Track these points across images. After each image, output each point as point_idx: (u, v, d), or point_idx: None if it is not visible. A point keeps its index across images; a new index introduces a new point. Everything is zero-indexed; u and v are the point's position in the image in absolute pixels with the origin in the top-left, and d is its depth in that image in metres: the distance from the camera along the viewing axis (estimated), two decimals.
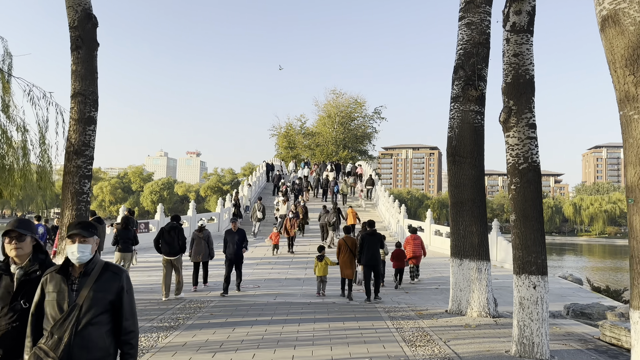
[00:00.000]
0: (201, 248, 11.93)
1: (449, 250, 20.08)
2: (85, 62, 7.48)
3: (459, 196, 9.60)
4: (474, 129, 9.60)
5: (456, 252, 9.60)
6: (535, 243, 6.84)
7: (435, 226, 21.37)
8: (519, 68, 7.06)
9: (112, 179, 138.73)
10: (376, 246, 10.98)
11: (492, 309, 9.25)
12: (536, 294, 6.75)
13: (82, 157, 7.37)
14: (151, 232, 19.69)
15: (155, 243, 10.89)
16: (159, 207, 20.64)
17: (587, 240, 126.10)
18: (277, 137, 52.91)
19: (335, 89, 54.51)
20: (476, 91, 9.54)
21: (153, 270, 14.45)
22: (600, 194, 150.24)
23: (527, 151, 7.01)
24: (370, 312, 9.29)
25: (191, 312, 8.91)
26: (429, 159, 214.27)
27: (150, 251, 18.27)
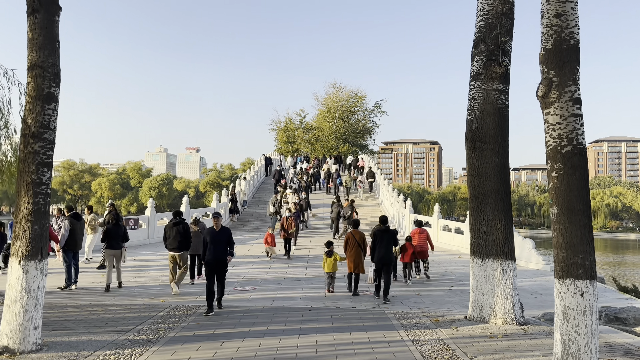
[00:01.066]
0: (196, 241, 11.83)
1: (458, 247, 19.39)
2: (44, 28, 6.30)
3: (480, 187, 8.44)
4: (497, 111, 8.43)
5: (477, 251, 8.44)
6: (582, 241, 5.70)
7: (443, 221, 20.26)
8: (562, 31, 5.88)
9: (111, 175, 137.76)
10: (390, 244, 10.41)
11: (519, 316, 8.12)
12: (584, 303, 5.61)
13: (41, 141, 6.19)
14: (141, 228, 18.55)
15: (164, 239, 10.92)
16: (149, 202, 19.43)
17: None
18: (276, 132, 51.96)
19: (335, 83, 53.50)
20: (500, 67, 8.36)
21: (140, 271, 13.33)
22: (601, 187, 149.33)
23: (572, 131, 5.85)
24: (379, 320, 8.16)
25: (175, 321, 7.77)
26: (429, 154, 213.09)
27: (140, 249, 17.18)
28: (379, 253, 10.27)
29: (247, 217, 25.47)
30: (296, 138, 50.57)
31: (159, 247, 17.81)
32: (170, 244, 10.56)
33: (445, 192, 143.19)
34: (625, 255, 52.57)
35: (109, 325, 7.45)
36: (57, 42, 6.48)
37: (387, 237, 10.39)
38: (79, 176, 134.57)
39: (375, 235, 10.47)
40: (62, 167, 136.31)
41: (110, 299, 9.69)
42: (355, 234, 10.87)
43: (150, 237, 19.05)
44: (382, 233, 10.42)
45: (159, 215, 20.03)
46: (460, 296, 10.95)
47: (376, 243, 10.37)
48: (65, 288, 10.60)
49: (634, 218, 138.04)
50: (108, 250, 11.01)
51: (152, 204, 19.56)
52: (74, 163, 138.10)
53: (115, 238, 11.08)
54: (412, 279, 13.12)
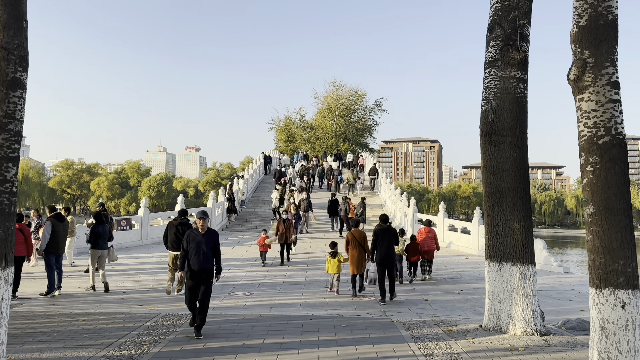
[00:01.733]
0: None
1: (465, 248, 18.42)
2: (8, 5, 5.56)
3: (496, 184, 7.71)
4: (515, 100, 7.69)
5: (494, 254, 7.72)
6: (623, 245, 4.98)
7: (449, 221, 19.52)
8: (599, 5, 5.16)
9: (110, 175, 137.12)
10: (391, 243, 10.13)
11: (539, 325, 7.41)
12: (625, 316, 4.90)
13: (5, 133, 5.46)
14: (134, 229, 17.82)
15: (164, 238, 10.60)
16: (142, 202, 18.71)
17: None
18: (276, 131, 51.42)
19: (335, 81, 53.08)
20: (518, 53, 7.63)
21: (130, 275, 12.60)
22: None
23: (609, 119, 5.13)
24: (387, 330, 7.43)
25: (162, 333, 7.04)
26: (429, 153, 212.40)
27: (132, 251, 16.43)
28: (380, 253, 9.94)
29: (245, 216, 24.71)
30: (296, 137, 50.29)
31: (152, 248, 17.11)
32: (171, 244, 10.25)
33: (446, 191, 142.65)
34: None
35: (89, 338, 6.73)
36: (25, 21, 5.74)
37: (388, 237, 10.07)
38: (77, 176, 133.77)
39: (377, 235, 10.08)
40: (61, 166, 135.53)
41: (94, 307, 8.96)
42: (356, 233, 10.47)
43: (144, 238, 18.20)
44: (384, 232, 10.07)
45: (153, 215, 19.26)
46: (471, 302, 10.23)
47: (377, 243, 10.01)
48: (47, 294, 9.87)
49: (635, 216, 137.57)
50: (95, 250, 10.44)
51: (146, 203, 18.75)
52: (73, 162, 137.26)
53: (103, 237, 10.58)
54: (417, 280, 12.62)
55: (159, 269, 13.15)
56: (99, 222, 10.63)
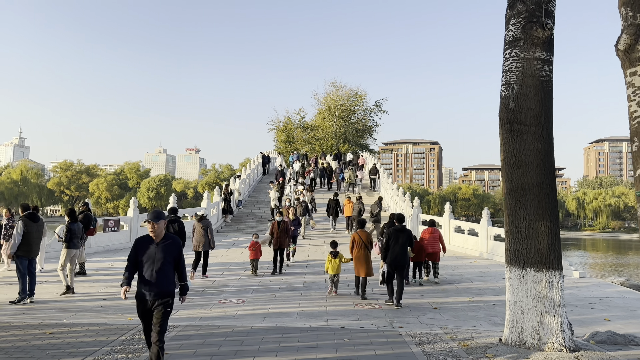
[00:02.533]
0: (201, 237, 11.97)
1: (472, 250, 17.21)
2: None
3: (519, 180, 6.81)
4: (540, 85, 6.81)
5: (516, 259, 6.82)
6: None
7: (455, 222, 18.53)
8: None
9: (109, 176, 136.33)
10: (405, 245, 9.69)
11: (568, 339, 6.51)
12: None
13: None
14: (123, 230, 16.91)
15: None
16: (131, 202, 17.74)
17: (590, 235, 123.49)
18: (275, 132, 50.89)
19: (335, 82, 52.57)
20: (543, 31, 6.74)
21: (115, 280, 11.67)
22: (603, 187, 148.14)
23: None
24: (395, 345, 6.52)
25: (137, 349, 6.12)
26: (429, 154, 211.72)
27: (120, 253, 15.46)
28: (392, 254, 9.53)
29: (242, 217, 23.79)
30: (295, 138, 49.81)
31: None
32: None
33: (446, 193, 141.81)
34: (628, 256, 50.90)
35: (52, 355, 5.83)
36: None
37: (403, 238, 9.66)
38: (76, 177, 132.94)
39: (390, 235, 9.69)
40: (60, 167, 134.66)
41: (68, 317, 8.07)
42: (362, 234, 10.26)
43: (133, 240, 17.14)
44: (398, 233, 9.68)
45: (143, 216, 18.12)
46: (484, 310, 9.33)
47: (390, 243, 9.63)
48: (18, 302, 8.97)
49: (636, 218, 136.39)
50: (69, 249, 9.80)
51: (135, 203, 17.74)
52: (72, 164, 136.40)
53: (77, 236, 10.06)
54: (421, 282, 11.93)
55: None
56: (72, 219, 9.90)
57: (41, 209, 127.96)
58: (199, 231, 12.01)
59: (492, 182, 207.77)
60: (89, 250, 14.94)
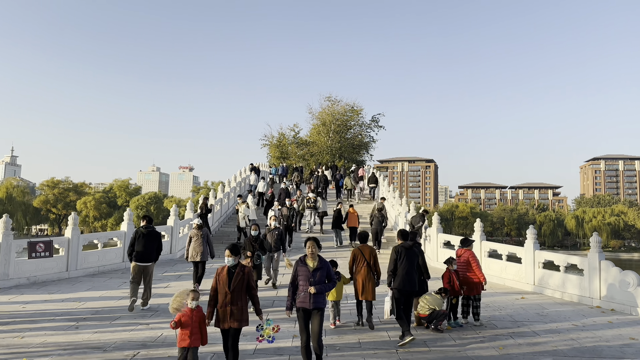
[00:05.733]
0: (199, 247, 11.59)
1: (513, 282, 13.22)
2: None
3: None
4: None
5: None
6: None
7: (489, 244, 14.58)
8: None
9: (97, 194, 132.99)
10: (414, 265, 8.28)
11: None
12: None
13: None
14: (57, 256, 13.50)
15: (130, 248, 10.08)
16: (71, 218, 14.27)
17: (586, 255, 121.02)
18: (269, 147, 48.85)
19: (330, 96, 50.71)
20: None
21: (23, 330, 8.71)
22: (601, 206, 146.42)
23: None
24: None
25: None
26: (425, 172, 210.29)
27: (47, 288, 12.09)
28: (400, 277, 8.12)
29: (221, 237, 20.78)
30: (289, 153, 47.73)
31: (80, 284, 12.84)
32: (139, 255, 9.92)
33: (443, 211, 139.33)
34: None
35: None
36: None
37: (412, 258, 8.25)
38: (63, 195, 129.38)
39: (398, 253, 8.25)
40: (47, 185, 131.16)
41: None
42: (364, 249, 8.88)
43: (71, 269, 13.73)
44: (407, 250, 8.30)
45: (87, 237, 14.77)
46: None
47: (398, 264, 8.19)
48: None
49: (636, 237, 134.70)
50: None
51: (76, 220, 14.15)
52: (59, 181, 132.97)
53: None
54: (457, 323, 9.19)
55: (73, 319, 9.18)
56: None
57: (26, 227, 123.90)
58: (197, 239, 11.65)
59: (489, 200, 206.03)
60: (4, 284, 11.97)
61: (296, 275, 6.60)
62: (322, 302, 6.48)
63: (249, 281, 6.32)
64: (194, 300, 6.14)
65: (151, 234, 10.11)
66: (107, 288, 12.29)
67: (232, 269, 6.33)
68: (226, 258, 6.43)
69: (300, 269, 6.59)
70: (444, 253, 15.70)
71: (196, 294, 6.21)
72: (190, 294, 6.15)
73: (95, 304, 10.48)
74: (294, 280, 6.63)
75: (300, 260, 6.74)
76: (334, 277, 6.76)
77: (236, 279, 6.22)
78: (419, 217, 17.30)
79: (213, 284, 6.37)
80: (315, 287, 6.39)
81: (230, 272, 6.29)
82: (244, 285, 6.26)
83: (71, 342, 7.71)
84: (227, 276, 6.25)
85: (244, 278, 6.28)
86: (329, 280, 6.67)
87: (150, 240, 10.04)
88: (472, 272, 9.19)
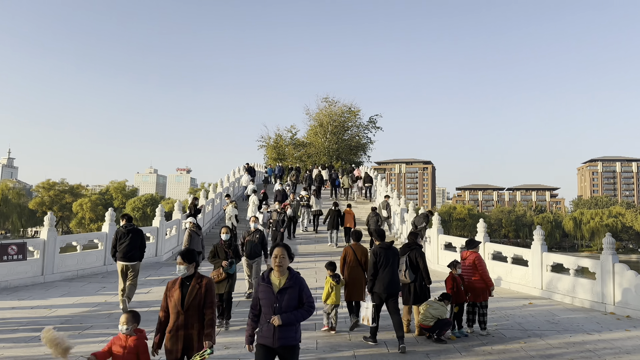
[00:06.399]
0: (199, 247, 11.31)
1: (519, 285, 12.11)
2: None
3: None
4: None
5: None
6: None
7: (493, 245, 13.74)
8: None
9: (93, 196, 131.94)
10: (395, 265, 7.80)
11: None
12: None
13: None
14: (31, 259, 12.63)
15: (112, 249, 9.96)
16: (47, 218, 13.44)
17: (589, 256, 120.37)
18: (265, 148, 48.52)
19: (327, 97, 50.44)
20: None
21: None
22: (599, 207, 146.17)
23: None
24: None
25: None
26: (422, 174, 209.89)
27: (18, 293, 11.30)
28: (383, 280, 7.62)
29: (212, 239, 19.95)
30: (286, 155, 47.44)
31: (55, 289, 12.01)
32: (122, 253, 9.76)
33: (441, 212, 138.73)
34: None
35: None
36: None
37: (392, 258, 7.79)
38: (59, 197, 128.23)
39: (377, 255, 7.74)
40: (42, 187, 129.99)
41: None
42: (357, 249, 8.57)
43: (47, 272, 12.87)
44: (385, 251, 7.81)
45: (65, 238, 13.93)
46: None
47: (378, 266, 7.67)
48: None
49: (634, 239, 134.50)
50: None
51: (52, 220, 13.21)
52: (55, 183, 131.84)
53: None
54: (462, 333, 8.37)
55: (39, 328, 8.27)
56: None
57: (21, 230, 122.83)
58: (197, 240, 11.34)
59: (486, 202, 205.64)
60: None
61: (258, 297, 4.74)
62: (293, 337, 4.61)
63: (206, 296, 4.82)
64: (126, 325, 4.68)
65: (132, 232, 9.94)
66: (84, 294, 11.44)
67: (186, 281, 4.88)
68: (178, 267, 4.89)
69: (263, 289, 4.69)
70: (444, 255, 14.92)
71: (129, 315, 4.78)
72: (123, 316, 4.75)
73: (67, 311, 9.65)
74: (255, 304, 4.75)
75: (263, 276, 4.80)
76: (310, 300, 4.72)
77: (191, 294, 4.77)
78: (423, 217, 16.55)
79: (162, 302, 4.93)
80: (282, 317, 4.49)
81: (184, 286, 4.85)
82: (202, 301, 4.80)
83: (30, 356, 6.89)
84: (179, 291, 4.80)
85: (201, 292, 4.80)
86: (303, 303, 4.68)
87: (132, 238, 9.86)
88: (478, 276, 8.38)
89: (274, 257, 4.71)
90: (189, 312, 4.71)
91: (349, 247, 8.64)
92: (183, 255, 4.89)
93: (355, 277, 8.39)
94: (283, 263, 4.69)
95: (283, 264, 4.69)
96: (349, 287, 8.43)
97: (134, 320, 4.74)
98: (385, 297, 7.65)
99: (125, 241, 9.76)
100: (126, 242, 9.75)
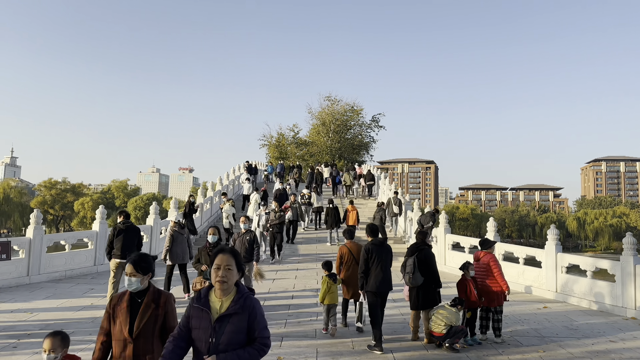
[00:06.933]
0: (184, 248, 10.47)
1: (533, 287, 11.20)
2: None
3: None
4: None
5: None
6: None
7: (504, 246, 13.01)
8: None
9: (95, 195, 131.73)
10: (387, 263, 7.55)
11: None
12: None
13: None
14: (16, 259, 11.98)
15: (108, 247, 9.64)
16: (33, 215, 12.75)
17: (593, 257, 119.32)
18: (267, 147, 47.86)
19: (330, 96, 50.41)
20: None
21: None
22: (603, 207, 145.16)
23: None
24: None
25: None
26: (425, 174, 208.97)
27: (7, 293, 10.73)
28: (375, 277, 7.37)
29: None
30: (289, 154, 46.92)
31: (45, 290, 11.42)
32: (118, 251, 9.54)
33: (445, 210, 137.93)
34: None
35: None
36: None
37: (385, 255, 7.51)
38: (61, 196, 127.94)
39: (369, 252, 7.45)
40: (44, 186, 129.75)
41: None
42: (353, 247, 8.45)
43: (33, 273, 12.20)
44: (379, 248, 7.52)
45: (52, 237, 13.22)
46: None
47: (370, 263, 7.42)
48: None
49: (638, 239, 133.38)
50: None
51: (39, 217, 12.52)
52: (56, 182, 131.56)
53: None
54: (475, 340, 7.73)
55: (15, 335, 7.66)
56: None
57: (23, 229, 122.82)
58: (181, 240, 10.46)
59: (489, 201, 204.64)
60: None
61: (188, 323, 3.21)
62: None
63: (166, 319, 3.58)
64: (53, 352, 3.47)
65: (130, 229, 9.81)
66: (70, 296, 10.79)
67: (137, 297, 3.59)
68: (127, 278, 3.58)
69: (195, 313, 3.19)
70: (452, 256, 14.23)
71: (56, 338, 3.52)
72: (47, 340, 3.50)
73: (49, 315, 8.99)
74: (180, 331, 3.21)
75: (197, 296, 3.26)
76: (264, 334, 3.17)
77: (143, 315, 3.50)
78: (429, 216, 15.88)
79: (103, 322, 3.62)
80: (219, 357, 3.01)
81: (134, 304, 3.56)
82: (158, 326, 3.53)
83: None
84: (127, 310, 3.52)
85: (157, 313, 3.55)
86: (254, 339, 3.14)
87: (130, 235, 9.73)
88: (492, 279, 7.70)
89: (215, 267, 3.18)
90: (139, 340, 3.44)
91: (344, 245, 8.54)
92: (135, 262, 3.58)
93: (352, 275, 8.28)
94: (228, 278, 3.16)
95: (228, 279, 3.16)
96: (348, 286, 8.37)
97: (63, 344, 3.55)
98: (378, 296, 7.42)
99: (122, 238, 9.59)
100: (123, 239, 9.58)
